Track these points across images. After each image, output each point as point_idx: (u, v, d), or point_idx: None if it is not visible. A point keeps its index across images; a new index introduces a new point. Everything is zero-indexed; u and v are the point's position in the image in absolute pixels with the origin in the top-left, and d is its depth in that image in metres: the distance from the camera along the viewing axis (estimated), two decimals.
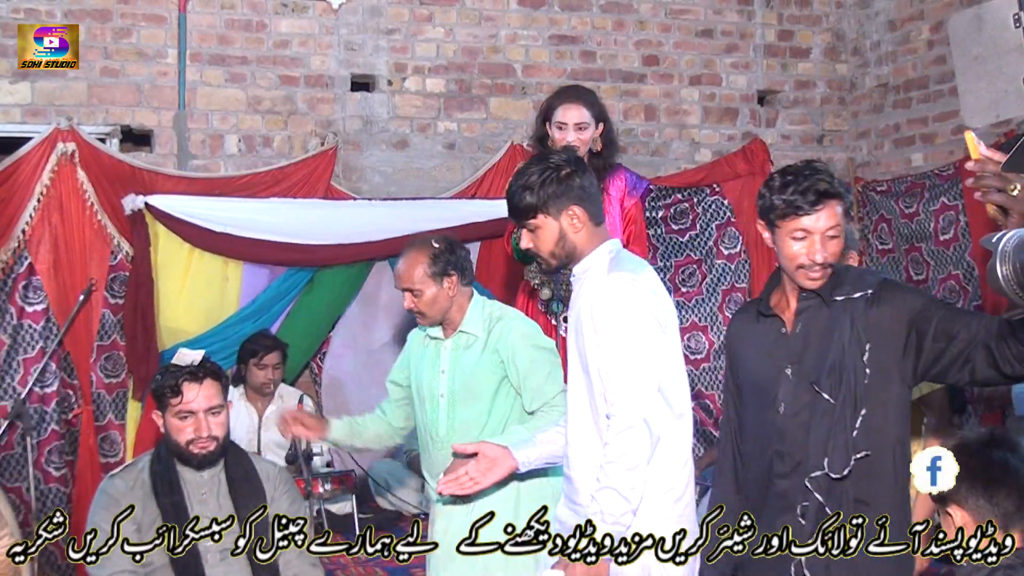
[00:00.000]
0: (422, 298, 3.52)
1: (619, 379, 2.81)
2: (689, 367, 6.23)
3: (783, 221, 2.82)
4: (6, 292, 5.31)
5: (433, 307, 3.54)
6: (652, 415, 2.81)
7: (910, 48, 6.40)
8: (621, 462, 2.75)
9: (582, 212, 2.96)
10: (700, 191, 6.38)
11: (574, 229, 2.96)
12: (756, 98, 6.74)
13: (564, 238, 2.97)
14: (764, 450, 2.89)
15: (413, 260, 3.53)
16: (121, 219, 5.41)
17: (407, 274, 3.53)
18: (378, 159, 6.10)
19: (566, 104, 4.35)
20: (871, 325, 2.78)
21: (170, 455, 3.42)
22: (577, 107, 4.34)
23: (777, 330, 2.91)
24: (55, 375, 5.36)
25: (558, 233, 2.97)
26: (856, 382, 2.76)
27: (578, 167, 3.02)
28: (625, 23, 6.51)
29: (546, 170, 2.97)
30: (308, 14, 6.03)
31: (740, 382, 3.03)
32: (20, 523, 5.07)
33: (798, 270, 2.82)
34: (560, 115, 4.33)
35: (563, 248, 2.98)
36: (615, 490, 2.74)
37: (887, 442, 2.78)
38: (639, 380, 2.81)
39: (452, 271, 3.54)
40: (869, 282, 2.84)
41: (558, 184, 2.95)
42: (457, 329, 3.58)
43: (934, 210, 6.06)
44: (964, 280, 5.89)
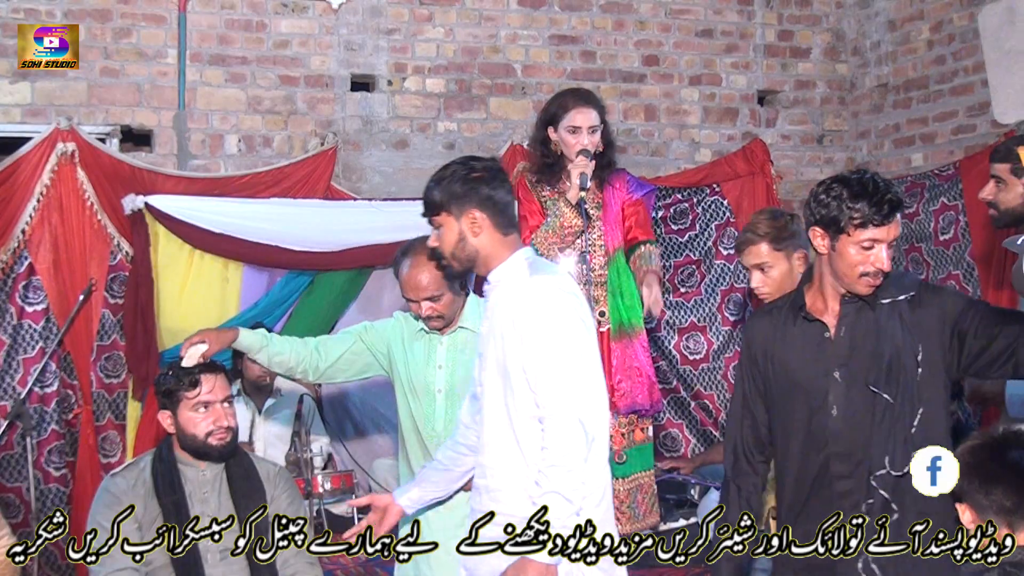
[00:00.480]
0: (441, 303, 3.45)
1: (551, 381, 2.78)
2: (688, 367, 6.27)
3: (854, 231, 2.85)
4: (6, 292, 5.31)
5: (451, 308, 3.48)
6: (586, 415, 2.79)
7: (910, 48, 6.39)
8: (561, 464, 2.73)
9: (483, 217, 2.95)
10: (700, 191, 6.38)
11: (473, 233, 2.95)
12: (756, 98, 6.74)
13: (464, 241, 2.96)
14: (816, 452, 2.94)
15: (425, 266, 3.41)
16: (121, 219, 5.41)
17: (423, 283, 3.42)
18: (378, 159, 6.10)
19: (579, 108, 4.38)
20: (917, 325, 2.88)
21: (172, 455, 3.42)
22: (588, 110, 4.39)
23: (820, 334, 2.96)
24: (55, 375, 5.36)
25: (458, 235, 2.96)
26: (912, 381, 2.86)
27: (491, 175, 3.02)
28: (625, 23, 6.51)
29: (457, 170, 3.00)
30: (308, 14, 6.03)
31: (773, 384, 3.05)
32: (20, 523, 5.11)
33: (861, 278, 2.87)
34: (574, 119, 4.36)
35: (463, 251, 2.97)
36: (558, 493, 2.71)
37: (939, 436, 2.85)
38: (572, 381, 2.79)
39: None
40: (910, 285, 2.95)
41: (463, 185, 2.97)
42: (457, 325, 3.53)
43: (934, 210, 6.06)
44: (964, 280, 5.88)
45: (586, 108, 4.40)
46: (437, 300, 3.44)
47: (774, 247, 3.45)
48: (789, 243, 3.46)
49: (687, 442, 6.23)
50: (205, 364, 3.43)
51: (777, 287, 3.44)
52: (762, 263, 3.47)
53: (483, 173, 2.99)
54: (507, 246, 2.97)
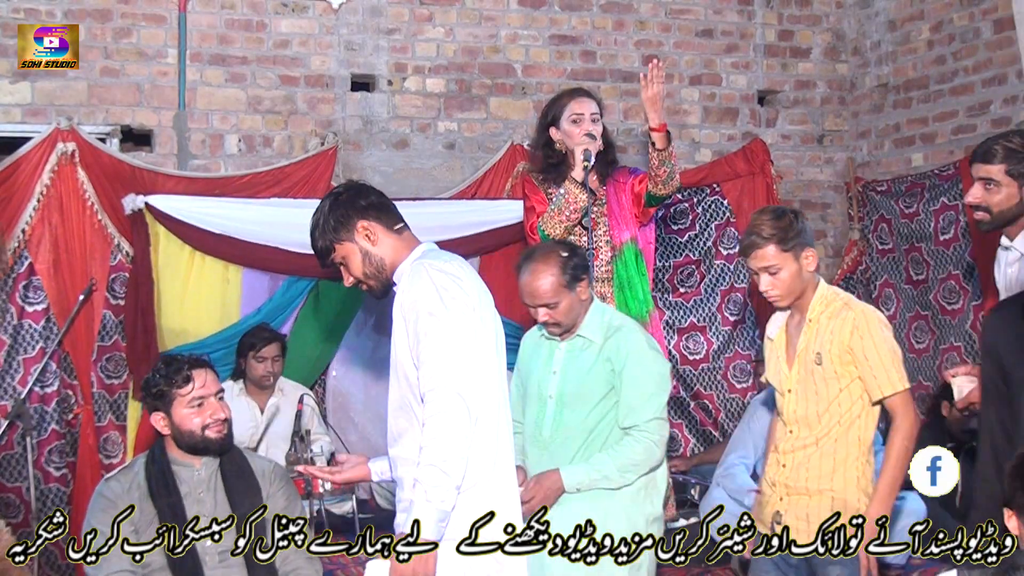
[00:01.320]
0: (558, 310, 3.51)
1: (430, 358, 2.82)
2: (688, 367, 6.26)
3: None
4: (6, 292, 5.31)
5: (569, 316, 3.55)
6: (467, 391, 2.81)
7: (910, 48, 6.39)
8: (440, 438, 2.76)
9: (372, 224, 3.00)
10: (700, 191, 6.37)
11: (371, 242, 3.00)
12: (756, 98, 6.74)
13: (367, 255, 3.00)
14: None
15: (543, 273, 3.51)
16: (121, 219, 5.41)
17: (541, 289, 3.50)
18: (378, 159, 6.09)
19: (578, 99, 4.47)
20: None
21: (165, 456, 3.41)
22: (589, 100, 4.48)
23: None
24: (55, 375, 5.36)
25: (360, 253, 3.00)
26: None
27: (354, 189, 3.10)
28: (625, 23, 6.51)
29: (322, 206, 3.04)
30: (308, 14, 6.03)
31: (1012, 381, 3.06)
32: (20, 523, 5.11)
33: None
34: (575, 108, 4.43)
35: (371, 264, 3.01)
36: (436, 467, 2.73)
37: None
38: (450, 358, 2.82)
39: (583, 276, 3.56)
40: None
41: (338, 209, 3.01)
42: (576, 333, 3.60)
43: (934, 210, 6.06)
44: (964, 280, 5.89)
45: (587, 99, 4.49)
46: (554, 307, 3.52)
47: (781, 248, 3.34)
48: (796, 242, 3.35)
49: (687, 442, 6.23)
50: (189, 360, 3.45)
51: (787, 289, 3.37)
52: (769, 266, 3.36)
53: (345, 192, 3.08)
54: (405, 244, 3.04)
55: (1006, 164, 3.42)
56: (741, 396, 6.24)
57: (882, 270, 6.43)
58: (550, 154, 4.51)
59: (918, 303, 6.16)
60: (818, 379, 3.33)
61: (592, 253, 4.35)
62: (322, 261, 3.06)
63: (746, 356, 6.27)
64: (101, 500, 3.33)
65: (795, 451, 3.37)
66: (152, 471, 3.38)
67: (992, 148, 3.49)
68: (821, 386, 3.33)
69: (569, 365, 3.59)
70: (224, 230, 5.42)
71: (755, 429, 4.94)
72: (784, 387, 3.41)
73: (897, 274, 6.32)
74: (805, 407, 3.36)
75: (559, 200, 4.35)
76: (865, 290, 6.51)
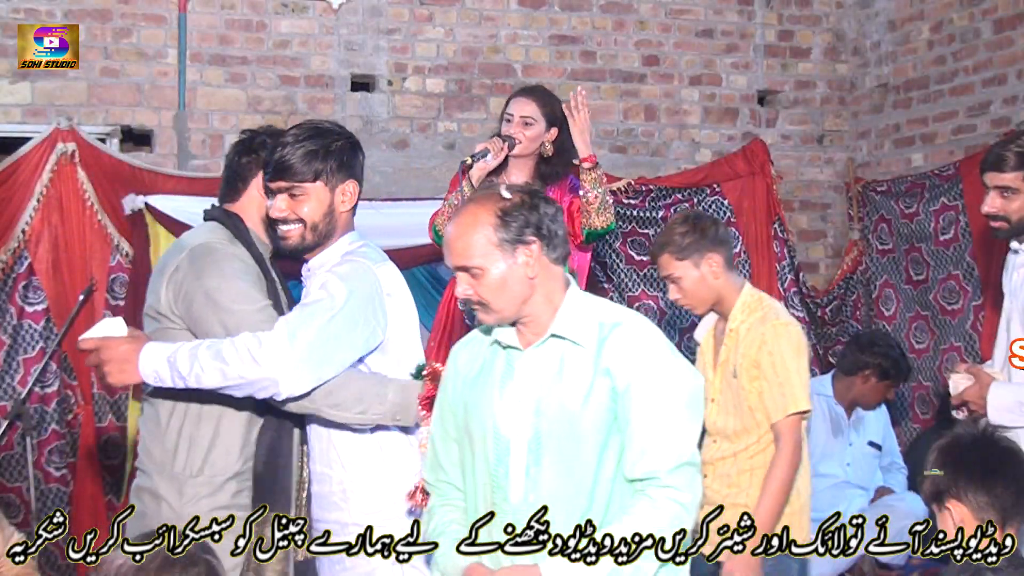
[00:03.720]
0: (483, 280, 2.43)
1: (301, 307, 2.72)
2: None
3: None
4: (6, 292, 5.31)
5: (501, 295, 2.43)
6: (302, 343, 2.64)
7: (910, 48, 6.39)
8: (229, 345, 2.63)
9: (356, 191, 2.90)
10: (700, 191, 6.37)
11: (343, 206, 2.87)
12: (756, 98, 6.74)
13: (332, 213, 2.86)
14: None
15: (470, 222, 2.44)
16: (121, 219, 5.41)
17: (461, 243, 2.44)
18: (378, 159, 6.09)
19: (517, 98, 4.23)
20: None
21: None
22: (527, 102, 4.19)
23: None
24: (55, 375, 5.36)
25: (328, 206, 2.85)
26: None
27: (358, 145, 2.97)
28: (625, 23, 6.51)
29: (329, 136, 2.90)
30: (308, 14, 6.03)
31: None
32: (20, 523, 5.11)
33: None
34: (510, 107, 4.19)
35: (328, 224, 2.86)
36: (206, 352, 2.63)
37: None
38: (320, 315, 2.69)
39: (532, 236, 2.43)
40: None
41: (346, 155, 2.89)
42: (547, 332, 2.49)
43: (934, 210, 6.06)
44: (964, 280, 5.88)
45: (524, 99, 4.20)
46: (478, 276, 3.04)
47: (675, 257, 3.34)
48: (692, 250, 3.32)
49: None
50: None
51: (694, 298, 3.36)
52: (668, 275, 3.39)
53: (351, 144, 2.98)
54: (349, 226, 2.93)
55: (1021, 171, 3.34)
56: None
57: (882, 270, 6.43)
58: None
59: (918, 303, 6.16)
60: (736, 392, 3.32)
61: None
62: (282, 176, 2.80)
63: None
64: None
65: (714, 462, 3.35)
66: None
67: (1004, 155, 3.38)
68: (740, 399, 3.31)
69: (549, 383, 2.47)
70: None
71: None
72: (708, 395, 3.36)
73: (897, 274, 6.32)
74: (724, 419, 3.34)
75: (452, 200, 4.06)
76: (865, 290, 6.52)
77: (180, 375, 2.66)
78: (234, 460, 2.78)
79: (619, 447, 2.44)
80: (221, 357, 2.63)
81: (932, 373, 6.00)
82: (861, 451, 4.94)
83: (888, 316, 6.35)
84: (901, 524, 4.18)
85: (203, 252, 2.81)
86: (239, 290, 2.75)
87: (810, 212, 6.78)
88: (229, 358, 2.63)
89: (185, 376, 2.65)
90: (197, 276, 2.76)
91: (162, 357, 2.66)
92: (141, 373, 2.66)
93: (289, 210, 2.83)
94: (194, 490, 2.74)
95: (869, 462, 4.96)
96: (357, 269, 2.81)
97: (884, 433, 5.07)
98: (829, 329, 6.51)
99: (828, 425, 4.90)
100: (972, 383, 3.42)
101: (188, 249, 2.83)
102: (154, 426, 2.82)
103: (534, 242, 2.43)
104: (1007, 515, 2.47)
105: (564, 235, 2.51)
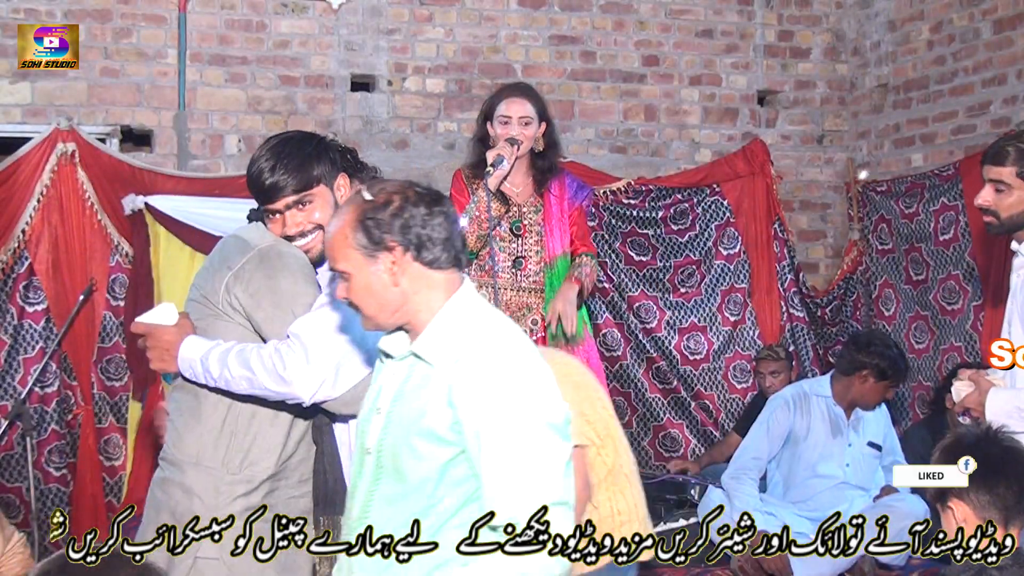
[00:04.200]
0: (351, 286, 2.30)
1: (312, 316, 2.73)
2: (688, 367, 6.26)
3: None
4: (7, 292, 5.31)
5: (369, 302, 2.28)
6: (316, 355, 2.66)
7: (910, 48, 6.39)
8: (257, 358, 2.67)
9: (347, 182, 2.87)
10: (700, 191, 6.37)
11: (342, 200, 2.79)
12: (756, 98, 6.74)
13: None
14: None
15: (336, 225, 2.31)
16: (121, 219, 5.41)
17: (329, 246, 2.35)
18: (378, 159, 6.07)
19: (510, 98, 4.20)
20: None
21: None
22: (521, 101, 4.18)
23: None
24: (55, 375, 5.36)
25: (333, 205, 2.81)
26: None
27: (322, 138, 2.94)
28: (625, 23, 6.51)
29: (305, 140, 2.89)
30: (308, 14, 6.03)
31: None
32: (20, 523, 5.11)
33: None
34: (504, 109, 4.16)
35: None
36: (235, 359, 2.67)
37: None
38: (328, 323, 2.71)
39: (394, 241, 2.24)
40: None
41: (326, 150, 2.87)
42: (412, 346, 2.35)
43: (934, 210, 6.06)
44: (964, 280, 5.88)
45: (517, 99, 4.19)
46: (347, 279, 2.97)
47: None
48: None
49: (687, 442, 6.23)
50: None
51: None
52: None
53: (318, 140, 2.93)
54: None
55: (1016, 167, 3.33)
56: (741, 396, 6.24)
57: (882, 270, 6.43)
58: (484, 150, 4.21)
59: (918, 303, 6.16)
60: None
61: (522, 261, 4.21)
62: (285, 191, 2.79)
63: (746, 356, 6.27)
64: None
65: None
66: None
67: (1004, 149, 3.37)
68: None
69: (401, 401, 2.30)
70: (224, 231, 5.40)
71: (773, 432, 4.92)
72: None
73: (897, 274, 6.32)
74: None
75: (468, 210, 4.06)
76: (865, 290, 6.52)
77: (210, 376, 2.73)
78: (273, 461, 2.78)
79: (463, 477, 2.26)
80: (249, 367, 2.69)
81: (932, 373, 6.00)
82: (860, 452, 4.93)
83: (888, 316, 6.36)
84: (901, 525, 4.19)
85: (274, 255, 2.82)
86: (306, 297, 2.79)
87: (810, 212, 6.78)
88: (256, 369, 2.69)
89: (215, 378, 2.72)
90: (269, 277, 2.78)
91: (196, 355, 2.73)
92: (179, 360, 2.74)
93: (305, 220, 2.84)
94: (231, 488, 2.72)
95: (869, 463, 4.95)
96: None
97: (885, 433, 5.06)
98: (829, 329, 6.52)
99: (827, 426, 4.90)
100: (973, 390, 3.41)
101: (257, 249, 2.85)
102: (191, 417, 2.81)
103: (395, 247, 2.24)
104: (1009, 514, 2.47)
105: (448, 238, 2.27)
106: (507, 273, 4.21)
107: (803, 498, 4.87)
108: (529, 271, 4.23)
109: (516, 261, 4.21)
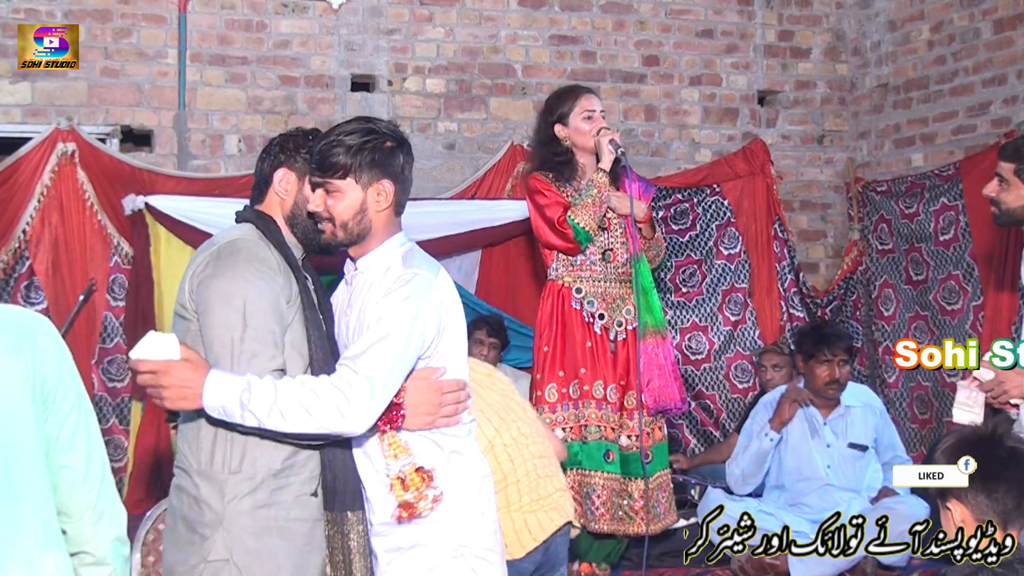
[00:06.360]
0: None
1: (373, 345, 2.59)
2: (689, 367, 6.26)
3: None
4: (8, 292, 5.31)
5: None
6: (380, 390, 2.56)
7: (910, 48, 6.40)
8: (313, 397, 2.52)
9: (392, 191, 2.78)
10: (700, 191, 6.38)
11: (378, 206, 2.74)
12: (756, 98, 6.74)
13: (364, 212, 2.73)
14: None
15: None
16: (121, 219, 5.41)
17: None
18: None
19: (587, 95, 4.34)
20: None
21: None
22: (595, 97, 4.37)
23: None
24: None
25: (359, 205, 2.73)
26: None
27: (403, 146, 2.86)
28: (625, 23, 6.51)
29: (370, 134, 2.78)
30: (308, 14, 6.03)
31: None
32: None
33: None
34: (586, 104, 4.28)
35: (359, 224, 2.73)
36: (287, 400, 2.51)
37: None
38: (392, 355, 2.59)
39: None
40: None
41: (379, 153, 2.77)
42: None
43: (934, 210, 6.06)
44: (964, 280, 5.88)
45: (592, 95, 4.37)
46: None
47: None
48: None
49: (687, 442, 6.23)
50: None
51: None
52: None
53: (398, 142, 2.83)
54: (394, 226, 2.81)
55: (1015, 164, 3.42)
56: (742, 396, 6.24)
57: (882, 270, 6.43)
58: (558, 151, 4.33)
59: (918, 303, 6.16)
60: None
61: (610, 254, 4.27)
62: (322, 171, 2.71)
63: (747, 356, 6.27)
64: None
65: None
66: None
67: (1011, 145, 3.54)
68: None
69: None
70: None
71: (754, 435, 4.94)
72: None
73: (897, 274, 6.32)
74: None
75: (589, 191, 4.16)
76: (865, 290, 6.52)
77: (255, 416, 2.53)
78: (273, 458, 2.73)
79: None
80: (306, 409, 2.53)
81: (932, 373, 5.99)
82: (841, 453, 4.89)
83: (888, 316, 6.36)
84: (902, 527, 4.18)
85: (229, 251, 2.78)
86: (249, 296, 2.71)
87: (810, 212, 6.78)
88: (314, 410, 2.54)
89: (262, 420, 2.53)
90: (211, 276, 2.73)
91: (234, 395, 2.53)
92: (205, 405, 2.54)
93: (323, 206, 2.76)
94: (235, 488, 2.68)
95: (852, 464, 4.91)
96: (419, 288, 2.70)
97: (879, 431, 5.02)
98: None
99: (804, 427, 4.89)
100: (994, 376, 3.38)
101: (216, 247, 2.80)
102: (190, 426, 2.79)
103: None
104: (1008, 518, 2.46)
105: None
106: (598, 265, 4.28)
107: (794, 501, 4.86)
108: (617, 262, 4.31)
109: (605, 253, 4.28)
